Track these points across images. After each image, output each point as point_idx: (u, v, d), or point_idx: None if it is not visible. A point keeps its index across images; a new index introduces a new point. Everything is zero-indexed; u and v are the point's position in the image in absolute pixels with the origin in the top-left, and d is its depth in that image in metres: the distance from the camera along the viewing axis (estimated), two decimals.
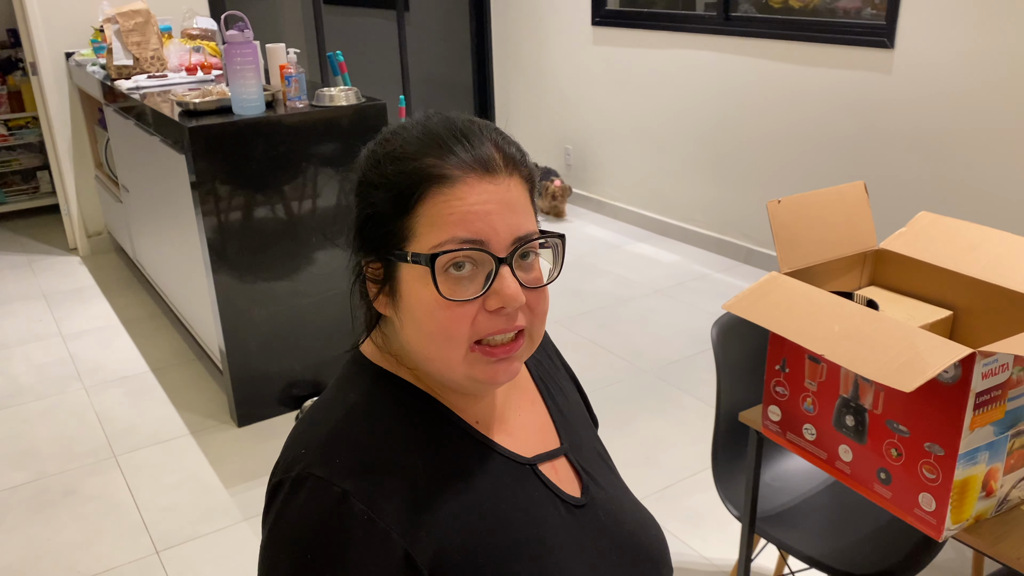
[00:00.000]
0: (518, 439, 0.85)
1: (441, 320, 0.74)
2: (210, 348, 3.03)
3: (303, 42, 6.38)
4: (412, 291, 0.75)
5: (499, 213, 0.73)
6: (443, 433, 0.79)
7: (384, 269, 0.77)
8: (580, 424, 0.96)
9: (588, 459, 0.91)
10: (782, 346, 1.35)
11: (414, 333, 0.77)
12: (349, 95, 2.74)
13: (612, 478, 0.94)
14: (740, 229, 4.09)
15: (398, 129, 0.79)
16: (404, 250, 0.74)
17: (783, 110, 3.72)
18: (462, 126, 0.77)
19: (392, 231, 0.75)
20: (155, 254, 3.54)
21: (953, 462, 1.11)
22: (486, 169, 0.74)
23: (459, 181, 0.73)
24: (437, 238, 0.73)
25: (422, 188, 0.73)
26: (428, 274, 0.73)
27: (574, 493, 0.86)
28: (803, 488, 1.77)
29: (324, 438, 0.75)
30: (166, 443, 2.74)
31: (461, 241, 0.72)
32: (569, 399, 0.97)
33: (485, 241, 0.73)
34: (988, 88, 2.95)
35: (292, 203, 2.71)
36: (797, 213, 1.36)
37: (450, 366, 0.76)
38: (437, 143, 0.75)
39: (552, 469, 0.86)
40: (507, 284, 0.73)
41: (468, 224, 0.72)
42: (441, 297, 0.73)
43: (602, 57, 4.63)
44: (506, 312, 0.75)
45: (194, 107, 2.61)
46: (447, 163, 0.73)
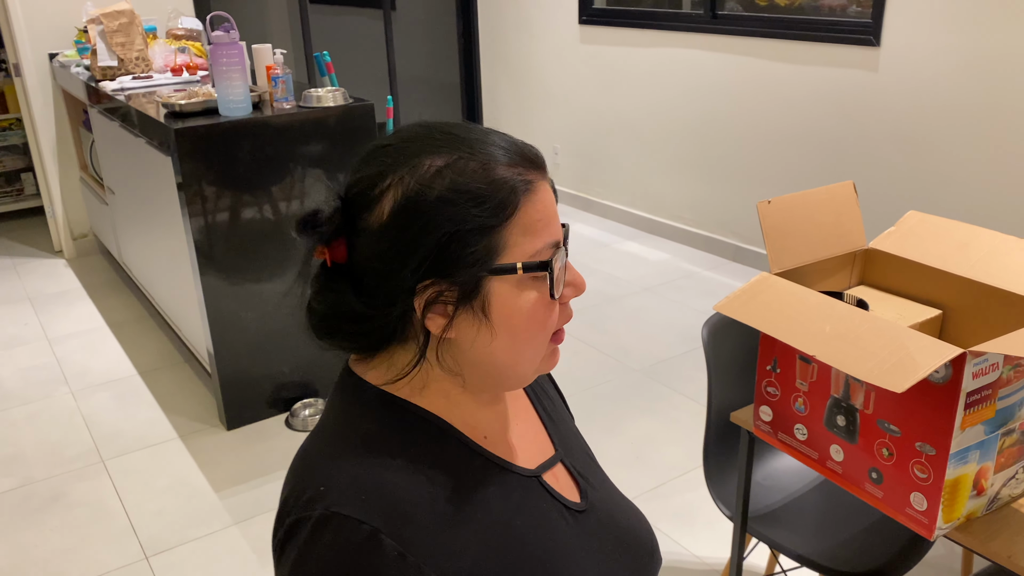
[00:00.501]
0: (520, 450, 0.85)
1: (542, 320, 0.76)
2: (198, 351, 3.01)
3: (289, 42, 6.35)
4: (508, 302, 0.73)
5: (557, 210, 0.77)
6: (458, 457, 0.78)
7: (461, 290, 0.72)
8: (567, 427, 0.96)
9: (580, 461, 0.92)
10: (773, 346, 1.35)
11: (507, 342, 0.75)
12: (336, 96, 2.73)
13: (602, 476, 0.94)
14: (728, 227, 4.10)
15: (419, 141, 0.73)
16: (507, 263, 0.72)
17: (770, 108, 3.73)
18: (476, 131, 0.76)
19: (485, 247, 0.71)
20: (142, 256, 3.51)
21: (944, 461, 1.12)
22: (544, 167, 0.76)
23: (537, 184, 0.74)
24: (533, 246, 0.73)
25: (517, 198, 0.72)
26: (526, 281, 0.73)
27: (574, 499, 0.87)
28: (794, 487, 1.78)
29: (344, 474, 0.72)
30: (154, 447, 2.72)
31: (553, 244, 0.74)
32: (553, 401, 0.98)
33: (559, 240, 0.76)
34: (974, 85, 2.97)
35: (280, 204, 2.69)
36: (787, 213, 1.36)
37: (534, 360, 0.78)
38: (493, 146, 0.73)
39: (553, 477, 0.87)
40: (577, 274, 0.78)
41: (553, 227, 0.75)
42: (551, 299, 0.75)
43: (590, 56, 4.63)
44: (568, 302, 0.79)
45: (180, 108, 2.59)
46: (522, 169, 0.73)
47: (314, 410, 2.85)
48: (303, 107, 2.69)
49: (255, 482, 2.52)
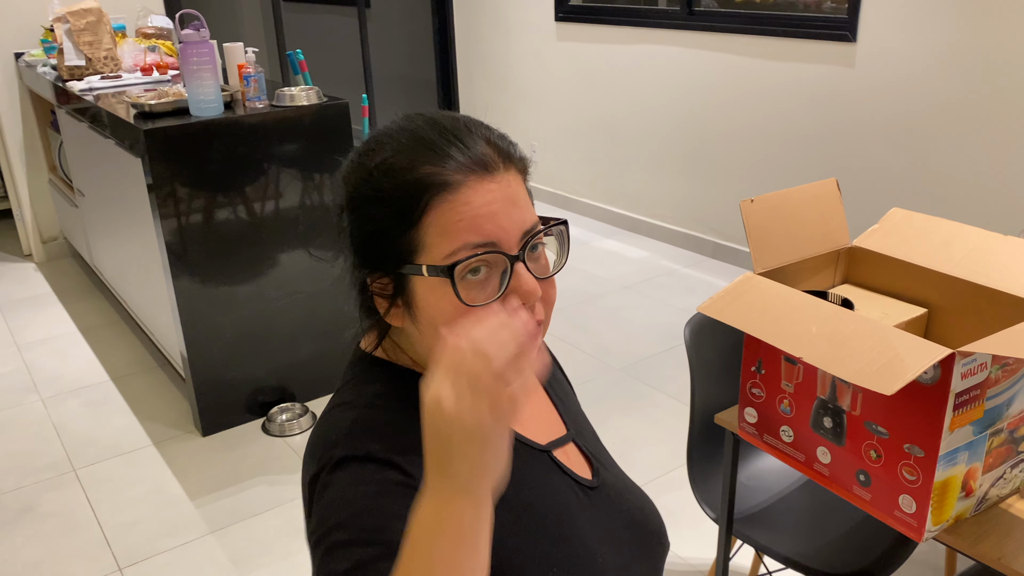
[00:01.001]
0: (531, 428, 0.87)
1: None
2: (172, 355, 2.95)
3: (262, 41, 6.27)
4: (429, 301, 0.74)
5: (505, 212, 0.73)
6: None
7: (394, 283, 0.76)
8: (577, 410, 0.98)
9: (592, 443, 0.94)
10: (757, 347, 1.33)
11: (435, 343, 0.74)
12: (310, 94, 2.69)
13: (611, 459, 0.97)
14: (707, 224, 4.10)
15: (382, 137, 0.77)
16: (416, 263, 0.73)
17: (748, 104, 3.73)
18: (450, 126, 0.75)
19: (399, 246, 0.74)
20: (113, 259, 3.44)
21: (933, 463, 1.10)
22: (485, 169, 0.73)
23: (462, 186, 0.72)
24: (449, 247, 0.72)
25: (425, 199, 0.72)
26: (445, 284, 0.72)
27: (586, 476, 0.88)
28: (778, 487, 1.76)
29: (352, 425, 0.75)
30: (128, 455, 2.66)
31: (474, 246, 0.71)
32: (563, 386, 1.00)
33: (496, 242, 0.72)
34: (951, 80, 2.98)
35: (253, 205, 2.64)
36: (770, 212, 1.34)
37: None
38: (430, 148, 0.73)
39: (564, 455, 0.88)
40: (524, 280, 0.73)
41: (478, 228, 0.72)
42: (463, 304, 0.72)
43: (566, 53, 4.60)
44: (526, 307, 0.74)
45: (150, 109, 2.53)
46: (446, 169, 0.72)
47: (291, 415, 2.80)
48: (276, 106, 2.65)
49: (231, 489, 2.47)
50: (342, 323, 0.86)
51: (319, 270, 2.83)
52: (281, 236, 2.72)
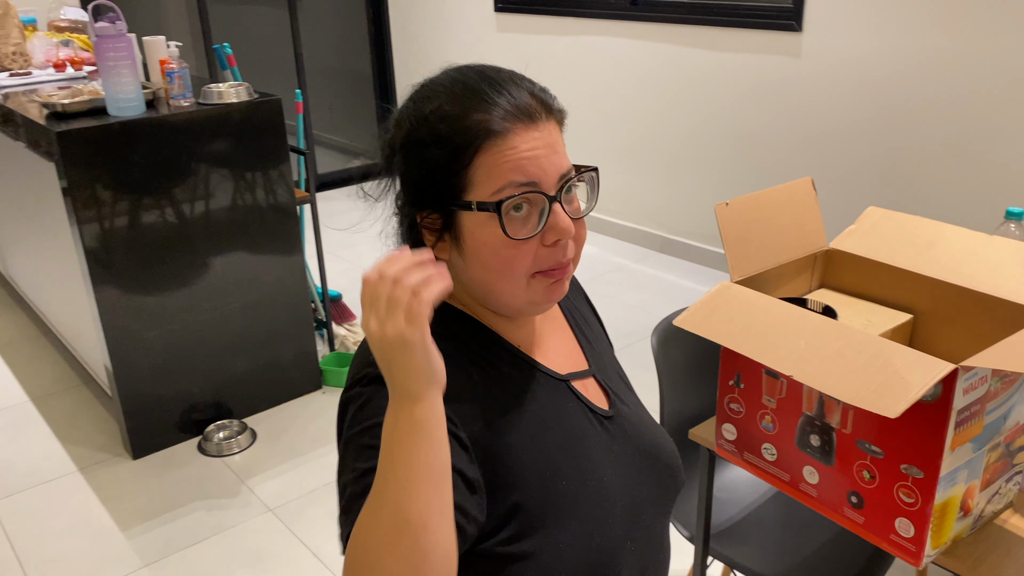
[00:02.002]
0: (553, 360, 0.93)
1: (507, 257, 0.81)
2: (96, 372, 2.75)
3: (186, 34, 5.99)
4: (476, 235, 0.81)
5: (545, 156, 0.80)
6: (491, 351, 0.88)
7: (443, 219, 0.83)
8: (604, 350, 1.03)
9: (612, 380, 0.99)
10: (735, 360, 1.24)
11: (479, 271, 0.83)
12: (240, 91, 2.52)
13: (632, 397, 1.01)
14: (654, 218, 4.03)
15: (435, 86, 0.84)
16: (466, 200, 0.80)
17: (693, 96, 3.66)
18: (498, 78, 0.83)
19: (451, 184, 0.81)
20: (29, 270, 3.21)
21: (934, 485, 1.02)
22: (530, 118, 0.80)
23: (509, 132, 0.79)
24: (496, 185, 0.79)
25: (477, 143, 0.79)
26: (492, 219, 0.79)
27: (603, 407, 0.94)
28: (750, 498, 1.69)
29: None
30: (50, 483, 2.46)
31: (519, 185, 0.79)
32: (593, 329, 1.05)
33: (538, 183, 0.80)
34: (897, 68, 2.95)
35: (182, 210, 2.46)
36: (746, 215, 1.25)
37: (514, 295, 0.84)
38: (481, 98, 0.80)
39: (583, 386, 0.94)
40: (561, 219, 0.81)
41: (522, 169, 0.79)
42: (508, 238, 0.79)
43: (507, 44, 4.49)
44: (561, 244, 0.82)
45: (63, 109, 2.33)
46: (494, 116, 0.79)
47: (229, 432, 2.63)
48: (203, 104, 2.47)
49: (167, 516, 2.30)
50: (280, 334, 0.82)
51: (255, 278, 2.67)
52: (213, 242, 2.55)
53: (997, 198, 2.80)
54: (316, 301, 3.15)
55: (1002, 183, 2.78)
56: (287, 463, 2.52)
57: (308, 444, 2.61)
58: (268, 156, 2.60)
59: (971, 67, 2.76)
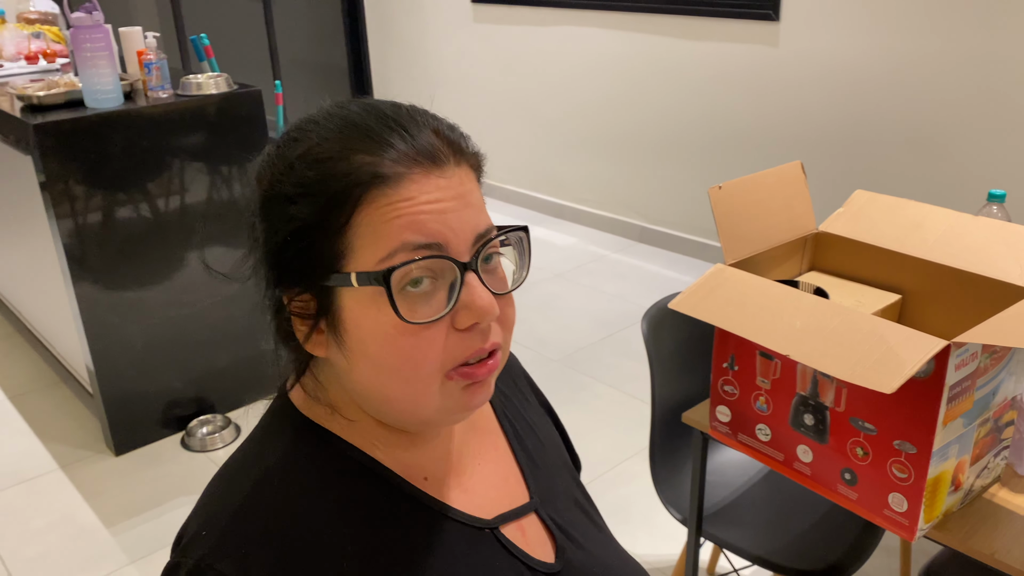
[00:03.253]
0: (477, 495, 0.71)
1: (405, 350, 0.60)
2: (76, 369, 2.71)
3: (158, 26, 5.91)
4: (360, 321, 0.60)
5: (454, 210, 0.61)
6: (381, 499, 0.65)
7: (317, 300, 0.62)
8: (554, 469, 0.81)
9: (564, 512, 0.77)
10: (729, 342, 1.26)
11: (369, 372, 0.62)
12: (219, 82, 2.49)
13: (593, 532, 0.80)
14: (633, 208, 4.05)
15: (306, 125, 0.63)
16: (344, 272, 0.60)
17: (670, 86, 3.68)
18: (391, 112, 0.63)
19: (323, 251, 0.60)
20: (4, 266, 3.16)
21: (927, 460, 1.05)
22: (432, 161, 0.61)
23: (404, 179, 0.59)
24: (384, 249, 0.59)
25: (358, 192, 0.59)
26: (379, 295, 0.59)
27: (547, 558, 0.72)
28: (740, 480, 1.71)
29: (230, 518, 0.61)
30: (31, 481, 2.43)
31: (415, 247, 0.59)
32: (542, 439, 0.83)
33: (443, 244, 0.60)
34: (874, 57, 2.99)
35: (161, 203, 2.44)
36: (738, 198, 1.26)
37: (421, 403, 0.63)
38: (367, 135, 0.60)
39: (519, 530, 0.72)
40: (478, 294, 0.60)
41: (420, 227, 0.59)
42: (402, 322, 0.59)
43: (484, 35, 4.48)
44: (480, 328, 0.62)
45: (39, 101, 2.29)
46: (385, 158, 0.59)
47: (212, 427, 2.61)
48: (182, 96, 2.44)
49: (151, 513, 2.28)
50: (261, 327, 0.71)
51: (235, 271, 2.64)
52: (193, 236, 2.52)
53: (977, 182, 2.85)
54: None
55: (982, 167, 2.83)
56: None
57: None
58: (248, 147, 2.57)
59: (948, 54, 2.80)
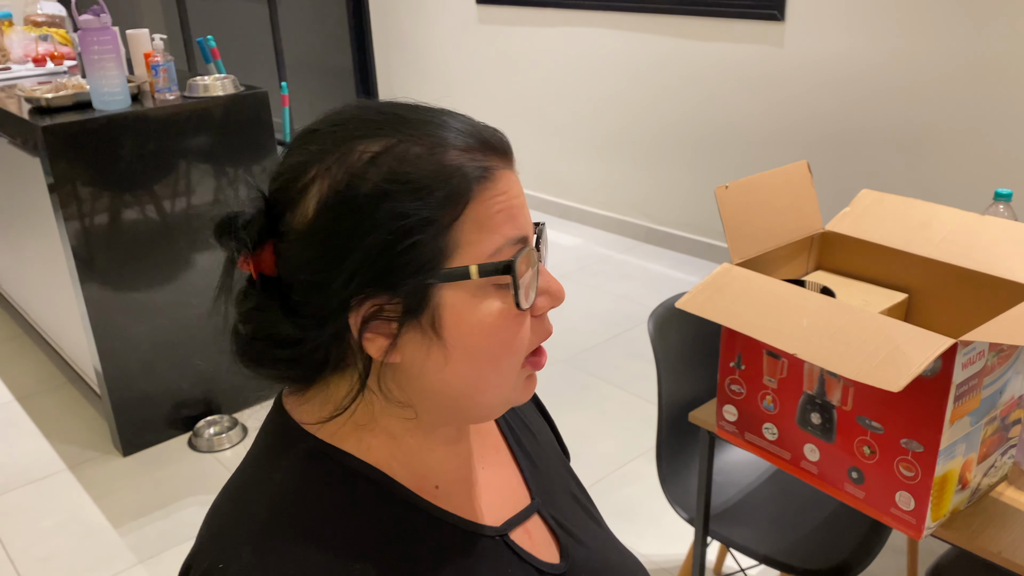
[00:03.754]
0: (484, 502, 0.72)
1: (507, 338, 0.62)
2: (84, 370, 2.73)
3: (164, 28, 5.93)
4: (463, 315, 0.60)
5: (525, 204, 0.64)
6: (396, 519, 0.65)
7: (405, 303, 0.59)
8: (552, 467, 0.82)
9: (564, 509, 0.79)
10: (736, 341, 1.26)
11: (465, 367, 0.62)
12: (226, 84, 2.50)
13: (592, 527, 0.81)
14: (639, 208, 4.05)
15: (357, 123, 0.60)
16: (459, 267, 0.59)
17: (676, 86, 3.69)
18: (431, 106, 0.64)
19: (431, 249, 0.58)
20: (12, 268, 3.17)
21: (934, 458, 1.05)
22: (506, 156, 0.63)
23: (496, 172, 0.61)
24: (492, 243, 0.60)
25: (470, 185, 0.59)
26: (486, 290, 0.60)
27: (552, 559, 0.73)
28: (746, 480, 1.71)
29: (249, 554, 0.59)
30: (40, 482, 2.44)
31: (516, 241, 0.61)
32: (539, 439, 0.84)
33: (527, 237, 0.62)
34: (880, 56, 2.99)
35: (168, 204, 2.45)
36: (745, 198, 1.27)
37: (503, 388, 0.65)
38: (448, 130, 0.60)
39: (525, 534, 0.73)
40: (553, 280, 0.65)
41: (515, 219, 0.61)
42: (515, 308, 0.61)
43: (489, 36, 4.48)
44: (545, 314, 0.66)
45: (47, 103, 2.31)
46: (478, 154, 0.60)
47: (219, 428, 2.62)
48: (189, 97, 2.45)
49: (159, 513, 2.29)
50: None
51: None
52: (200, 236, 2.53)
53: (984, 181, 2.85)
54: None
55: (988, 165, 2.83)
56: None
57: None
58: (255, 149, 2.59)
59: (954, 53, 2.80)
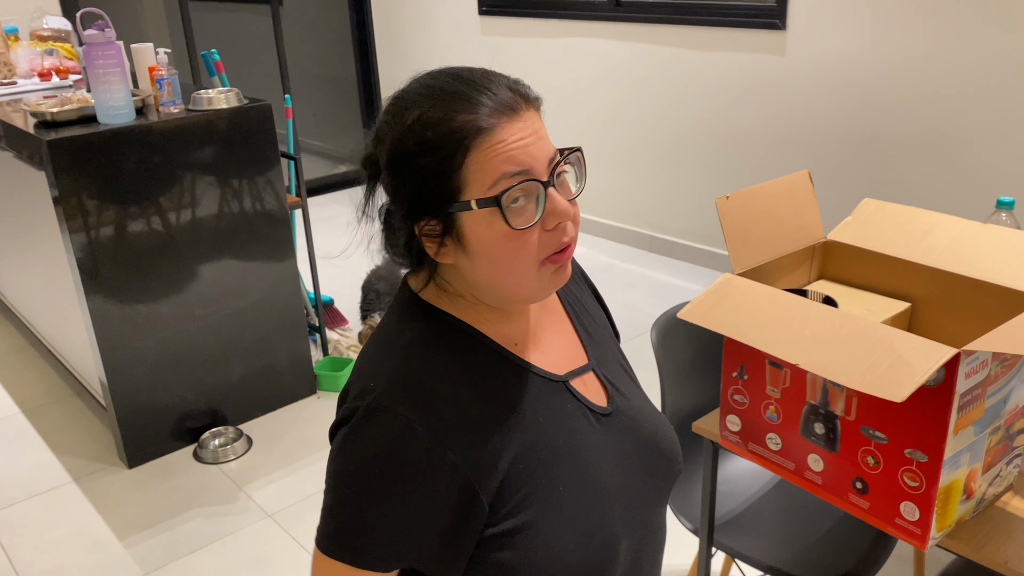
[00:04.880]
0: (550, 357, 0.94)
1: (513, 249, 0.82)
2: (89, 382, 2.73)
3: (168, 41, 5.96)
4: (479, 234, 0.82)
5: (533, 143, 0.81)
6: (488, 361, 0.88)
7: (443, 224, 0.83)
8: (605, 340, 1.03)
9: (612, 371, 0.99)
10: (738, 351, 1.26)
11: (487, 269, 0.84)
12: (230, 96, 2.51)
13: (632, 387, 1.02)
14: (642, 217, 4.06)
15: (412, 96, 0.83)
16: (465, 200, 0.81)
17: (679, 95, 3.69)
18: (472, 77, 0.83)
19: (447, 188, 0.81)
20: (18, 281, 3.19)
21: (938, 468, 1.04)
22: (513, 110, 0.81)
23: (496, 127, 0.80)
24: (490, 179, 0.80)
25: (467, 143, 0.79)
26: (493, 214, 0.80)
27: (601, 403, 0.95)
28: (751, 490, 1.71)
29: (391, 374, 0.84)
30: (46, 494, 2.44)
31: (512, 175, 0.80)
32: (595, 318, 1.04)
33: (529, 170, 0.81)
34: (881, 65, 2.99)
35: (173, 217, 2.46)
36: (746, 208, 1.27)
37: (524, 285, 0.85)
38: (462, 99, 0.81)
39: (582, 383, 0.94)
40: (558, 202, 0.83)
41: (513, 160, 0.80)
42: (512, 229, 0.80)
43: (492, 48, 4.50)
44: (561, 226, 0.83)
45: (52, 117, 2.32)
46: (480, 115, 0.80)
47: (225, 439, 2.63)
48: (193, 110, 2.47)
49: (165, 524, 2.29)
50: (274, 339, 0.82)
51: (247, 284, 2.66)
52: (205, 248, 2.54)
53: (986, 189, 2.85)
54: (308, 306, 3.15)
55: (990, 174, 2.83)
56: (284, 468, 2.52)
57: (304, 449, 2.61)
58: (259, 162, 2.60)
59: (955, 62, 2.80)
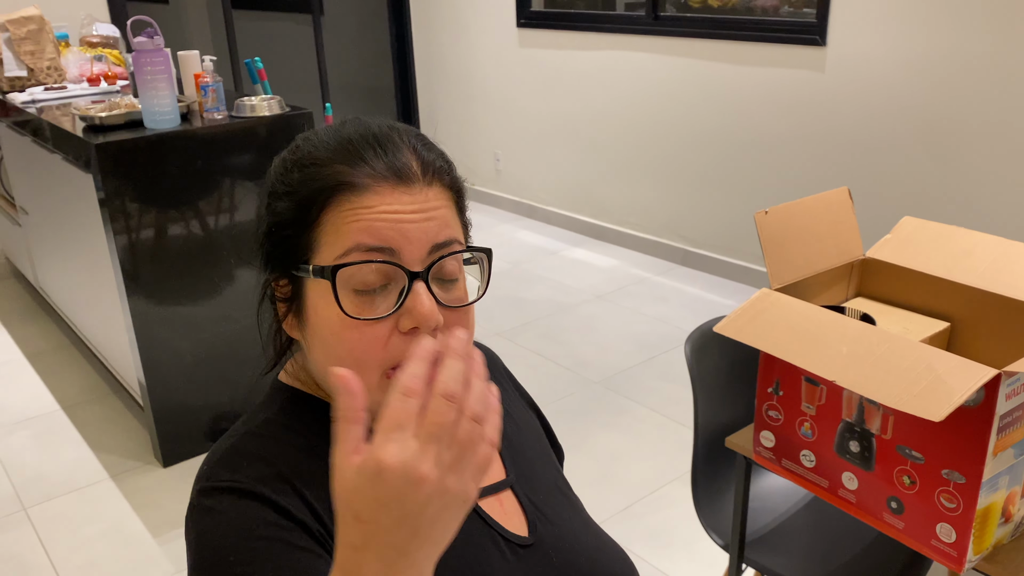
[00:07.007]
0: None
1: (349, 342, 0.66)
2: (128, 381, 2.79)
3: (211, 49, 6.08)
4: (318, 309, 0.68)
5: (413, 222, 0.67)
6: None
7: (291, 287, 0.72)
8: (534, 454, 0.87)
9: (540, 492, 0.83)
10: (774, 367, 1.25)
11: (322, 356, 0.70)
12: (272, 104, 2.56)
13: (569, 513, 0.85)
14: (676, 231, 4.05)
15: (311, 135, 0.74)
16: (308, 264, 0.68)
17: (715, 110, 3.69)
18: (378, 131, 0.71)
19: (296, 244, 0.69)
20: (61, 281, 3.26)
21: (976, 490, 1.03)
22: (400, 178, 0.68)
23: (369, 189, 0.67)
24: (341, 247, 0.66)
25: (326, 194, 0.67)
26: (332, 290, 0.66)
27: (520, 531, 0.78)
28: (783, 507, 1.69)
29: (221, 455, 0.71)
30: (82, 490, 2.49)
31: (367, 250, 0.66)
32: (521, 427, 0.89)
33: (395, 251, 0.66)
34: (922, 83, 2.97)
35: (214, 222, 2.51)
36: (784, 224, 1.27)
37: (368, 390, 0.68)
38: (348, 149, 0.69)
39: (497, 504, 0.78)
40: (420, 301, 0.65)
41: (375, 232, 0.66)
42: (345, 315, 0.66)
43: (529, 59, 4.53)
44: (421, 334, 0.66)
45: (100, 121, 2.38)
46: (357, 170, 0.68)
47: None
48: (236, 117, 2.51)
49: None
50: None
51: None
52: (243, 254, 2.59)
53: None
54: None
55: None
56: None
57: None
58: None
59: (999, 73, 2.77)
